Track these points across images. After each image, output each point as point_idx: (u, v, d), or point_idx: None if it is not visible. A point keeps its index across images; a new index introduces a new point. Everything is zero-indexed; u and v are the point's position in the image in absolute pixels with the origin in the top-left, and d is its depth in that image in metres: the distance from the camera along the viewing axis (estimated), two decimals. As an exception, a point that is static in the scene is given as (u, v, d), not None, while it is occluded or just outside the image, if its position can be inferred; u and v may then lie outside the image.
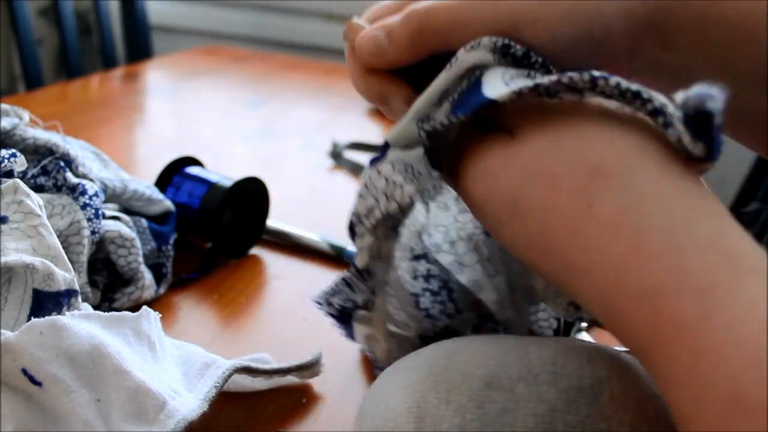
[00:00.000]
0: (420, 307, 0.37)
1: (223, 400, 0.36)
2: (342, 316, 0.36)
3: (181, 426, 0.28)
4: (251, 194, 0.54)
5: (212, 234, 0.52)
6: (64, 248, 0.35)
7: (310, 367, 0.38)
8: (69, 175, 0.42)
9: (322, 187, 0.73)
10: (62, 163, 0.43)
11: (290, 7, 1.57)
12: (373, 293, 0.35)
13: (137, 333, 0.31)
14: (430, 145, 0.29)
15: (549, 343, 0.28)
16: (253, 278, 0.51)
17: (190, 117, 0.95)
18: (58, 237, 0.36)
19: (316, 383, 0.40)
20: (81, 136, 0.51)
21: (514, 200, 0.25)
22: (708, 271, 0.21)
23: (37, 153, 0.43)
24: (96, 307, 0.41)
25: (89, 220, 0.41)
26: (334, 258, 0.55)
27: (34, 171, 0.42)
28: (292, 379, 0.39)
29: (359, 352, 0.43)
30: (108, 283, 0.44)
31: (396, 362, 0.31)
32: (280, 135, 0.89)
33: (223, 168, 0.60)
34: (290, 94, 1.10)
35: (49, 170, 0.42)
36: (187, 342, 0.36)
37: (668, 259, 0.21)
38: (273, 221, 0.57)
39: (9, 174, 0.35)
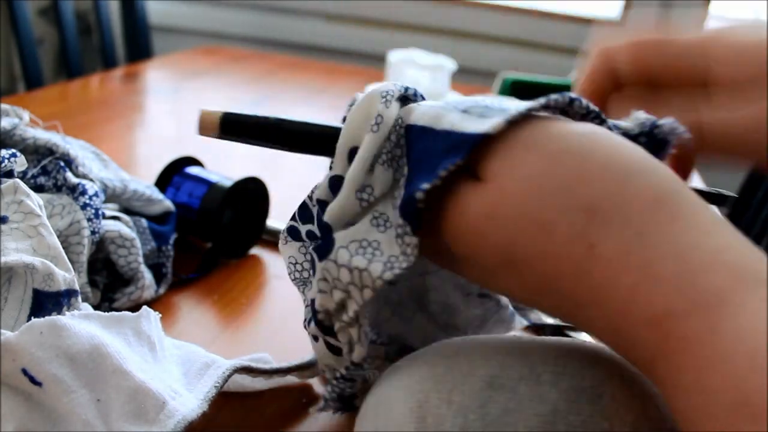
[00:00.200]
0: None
1: (223, 400, 0.36)
2: (343, 400, 0.34)
3: (181, 426, 0.28)
4: (251, 194, 0.54)
5: (212, 234, 0.52)
6: (64, 248, 0.35)
7: (310, 367, 0.38)
8: (69, 175, 0.42)
9: (322, 187, 0.73)
10: (62, 163, 0.42)
11: (290, 7, 1.57)
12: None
13: (137, 333, 0.31)
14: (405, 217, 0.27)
15: (551, 343, 0.28)
16: (253, 278, 0.51)
17: (190, 117, 0.94)
18: (58, 237, 0.36)
19: (316, 383, 0.39)
20: (81, 136, 0.51)
21: (508, 254, 0.25)
22: (715, 289, 0.21)
23: (37, 153, 0.43)
24: (96, 307, 0.41)
25: (89, 220, 0.41)
26: (335, 258, 0.55)
27: (34, 171, 0.42)
28: (292, 379, 0.39)
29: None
30: (108, 283, 0.44)
31: (397, 362, 0.31)
32: (280, 135, 0.88)
33: (223, 168, 0.60)
34: (290, 94, 1.10)
35: (49, 170, 0.42)
36: (187, 342, 0.36)
37: (677, 283, 0.22)
38: (273, 221, 0.57)
39: (9, 174, 0.35)
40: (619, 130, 0.28)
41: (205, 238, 0.53)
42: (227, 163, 0.73)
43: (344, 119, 0.30)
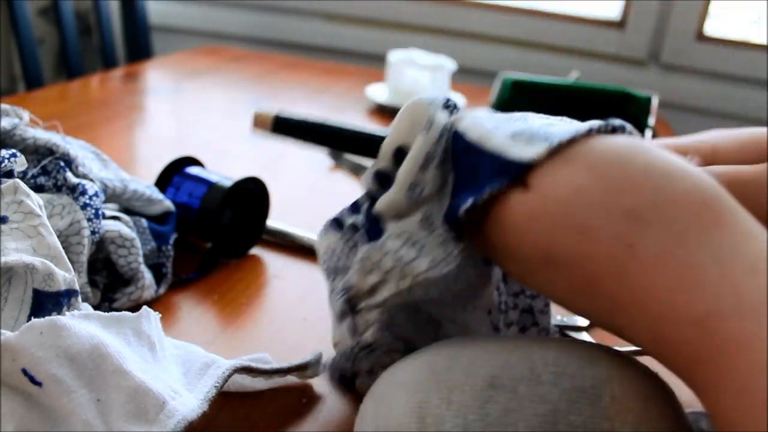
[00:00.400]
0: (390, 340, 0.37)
1: (223, 400, 0.36)
2: (344, 382, 0.36)
3: (181, 426, 0.28)
4: (251, 194, 0.54)
5: (212, 234, 0.52)
6: (64, 248, 0.35)
7: (310, 367, 0.38)
8: (69, 175, 0.42)
9: (322, 187, 0.73)
10: (62, 163, 0.42)
11: (290, 7, 1.57)
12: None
13: (137, 333, 0.31)
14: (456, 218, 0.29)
15: (551, 343, 0.28)
16: (253, 278, 0.51)
17: (190, 117, 0.95)
18: (58, 237, 0.36)
19: (316, 383, 0.39)
20: (81, 136, 0.51)
21: (548, 253, 0.26)
22: (758, 293, 0.21)
23: (37, 153, 0.43)
24: (96, 307, 0.41)
25: (89, 220, 0.41)
26: (335, 258, 0.55)
27: (34, 171, 0.42)
28: (292, 379, 0.39)
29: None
30: (108, 283, 0.44)
31: (397, 363, 0.31)
32: (280, 135, 0.88)
33: (223, 168, 0.60)
34: (290, 94, 1.10)
35: (49, 170, 0.42)
36: (187, 342, 0.36)
37: (718, 285, 0.22)
38: (273, 221, 0.57)
39: (9, 174, 0.35)
40: None
41: (205, 238, 0.53)
42: (227, 163, 0.74)
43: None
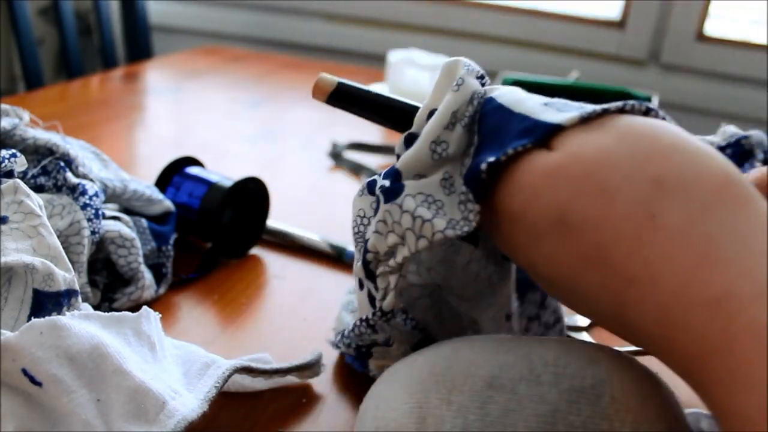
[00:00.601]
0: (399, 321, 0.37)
1: (223, 400, 0.36)
2: (359, 354, 0.36)
3: (181, 426, 0.28)
4: (251, 194, 0.54)
5: (212, 234, 0.52)
6: (64, 248, 0.35)
7: (310, 367, 0.38)
8: (69, 175, 0.42)
9: (322, 187, 0.73)
10: (62, 163, 0.42)
11: (290, 7, 1.57)
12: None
13: (137, 333, 0.31)
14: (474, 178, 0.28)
15: (550, 343, 0.28)
16: (253, 278, 0.51)
17: (190, 117, 0.95)
18: (58, 237, 0.36)
19: (316, 383, 0.39)
20: (81, 136, 0.51)
21: (562, 214, 0.25)
22: None
23: (37, 153, 0.43)
24: (96, 307, 0.41)
25: (89, 220, 0.41)
26: (334, 258, 0.55)
27: (34, 171, 0.42)
28: (292, 379, 0.39)
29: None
30: (108, 283, 0.44)
31: (396, 363, 0.31)
32: (280, 135, 0.89)
33: (223, 168, 0.60)
34: (290, 94, 1.10)
35: (49, 170, 0.42)
36: (187, 342, 0.36)
37: (741, 265, 0.21)
38: (273, 221, 0.57)
39: (9, 174, 0.35)
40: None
41: (205, 238, 0.53)
42: (227, 163, 0.74)
43: None
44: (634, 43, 1.42)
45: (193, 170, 0.54)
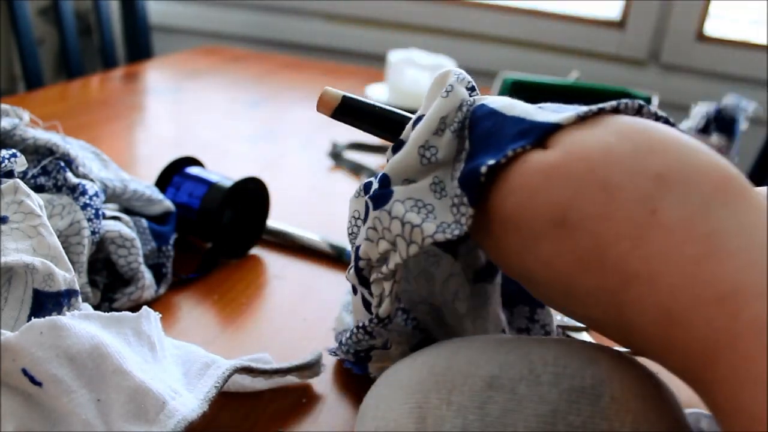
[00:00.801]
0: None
1: (223, 400, 0.36)
2: (358, 359, 0.36)
3: (181, 426, 0.28)
4: (251, 194, 0.54)
5: (212, 234, 0.52)
6: (64, 248, 0.35)
7: (310, 367, 0.38)
8: (69, 175, 0.42)
9: (322, 187, 0.73)
10: (62, 163, 0.42)
11: (290, 7, 1.57)
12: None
13: (137, 333, 0.31)
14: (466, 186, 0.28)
15: (550, 343, 0.28)
16: (253, 278, 0.51)
17: (190, 117, 0.95)
18: (58, 237, 0.36)
19: (316, 383, 0.39)
20: (81, 136, 0.51)
21: (560, 213, 0.24)
22: None
23: (37, 153, 0.43)
24: (96, 307, 0.41)
25: (89, 220, 0.41)
26: (334, 258, 0.55)
27: (34, 171, 0.42)
28: (292, 379, 0.39)
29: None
30: (108, 283, 0.44)
31: (396, 363, 0.31)
32: (280, 135, 0.89)
33: (223, 168, 0.60)
34: (290, 94, 1.10)
35: (49, 170, 0.42)
36: (187, 342, 0.36)
37: (746, 260, 0.21)
38: (273, 221, 0.57)
39: (9, 174, 0.35)
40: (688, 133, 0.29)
41: (205, 238, 0.53)
42: (227, 163, 0.74)
43: None
44: (634, 43, 1.42)
45: (193, 170, 0.54)
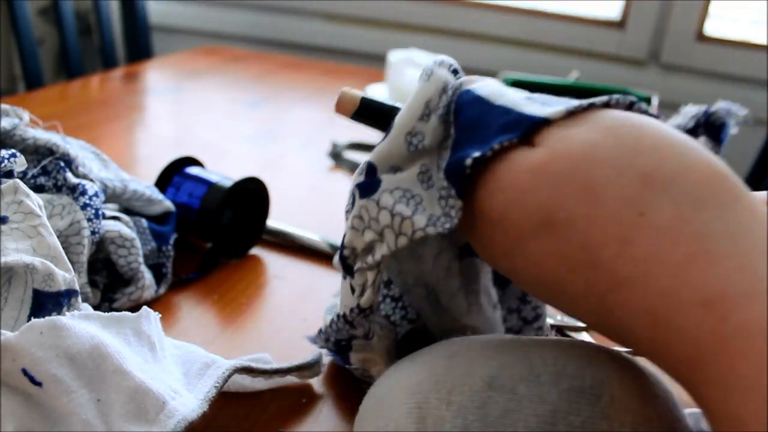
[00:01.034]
0: (381, 314, 0.37)
1: (223, 400, 0.36)
2: (339, 348, 0.35)
3: (181, 426, 0.28)
4: (251, 194, 0.54)
5: (212, 234, 0.52)
6: (64, 248, 0.35)
7: (310, 367, 0.38)
8: (69, 175, 0.42)
9: (322, 187, 0.73)
10: (62, 163, 0.42)
11: (290, 7, 1.57)
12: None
13: (137, 333, 0.31)
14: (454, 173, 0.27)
15: (550, 343, 0.28)
16: (253, 278, 0.51)
17: (190, 117, 0.95)
18: (58, 237, 0.36)
19: (316, 383, 0.39)
20: (81, 136, 0.51)
21: (548, 214, 0.24)
22: None
23: (37, 153, 0.43)
24: (96, 307, 0.41)
25: (89, 220, 0.41)
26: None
27: (34, 171, 0.42)
28: (292, 379, 0.39)
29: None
30: (108, 283, 0.44)
31: (396, 363, 0.31)
32: (280, 135, 0.89)
33: (223, 168, 0.60)
34: (290, 94, 1.10)
35: (49, 170, 0.42)
36: (187, 342, 0.36)
37: (735, 263, 0.20)
38: (273, 221, 0.57)
39: (9, 174, 0.35)
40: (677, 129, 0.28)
41: (205, 238, 0.53)
42: (227, 163, 0.74)
43: None
44: (634, 43, 1.42)
45: (193, 170, 0.54)
